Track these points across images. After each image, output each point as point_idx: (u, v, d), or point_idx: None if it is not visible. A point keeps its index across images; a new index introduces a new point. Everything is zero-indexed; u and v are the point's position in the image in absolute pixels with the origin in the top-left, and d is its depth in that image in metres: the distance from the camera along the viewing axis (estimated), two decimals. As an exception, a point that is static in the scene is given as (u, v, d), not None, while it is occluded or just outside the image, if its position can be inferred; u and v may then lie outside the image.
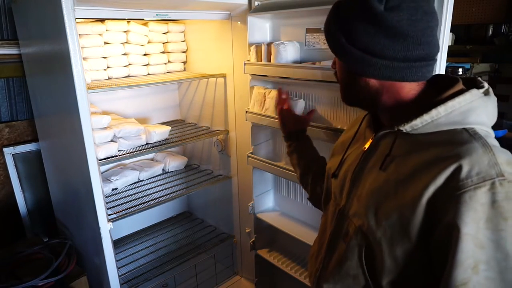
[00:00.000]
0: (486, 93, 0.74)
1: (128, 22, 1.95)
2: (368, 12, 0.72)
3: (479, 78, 0.78)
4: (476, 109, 0.72)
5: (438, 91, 0.76)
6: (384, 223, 0.74)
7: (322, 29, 1.37)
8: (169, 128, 1.97)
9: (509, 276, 0.63)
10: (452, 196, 0.64)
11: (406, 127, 0.74)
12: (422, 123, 0.73)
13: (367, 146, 0.84)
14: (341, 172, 0.92)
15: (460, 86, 0.76)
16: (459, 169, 0.65)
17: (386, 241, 0.73)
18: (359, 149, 0.89)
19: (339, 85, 0.87)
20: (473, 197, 0.63)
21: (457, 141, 0.69)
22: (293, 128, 1.34)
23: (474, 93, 0.72)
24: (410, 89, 0.77)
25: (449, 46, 1.42)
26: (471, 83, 0.77)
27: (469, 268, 0.63)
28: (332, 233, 0.89)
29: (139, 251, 2.15)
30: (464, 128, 0.71)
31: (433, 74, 0.79)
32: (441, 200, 0.66)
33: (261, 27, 1.74)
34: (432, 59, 0.76)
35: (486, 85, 0.76)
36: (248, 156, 1.83)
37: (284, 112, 1.41)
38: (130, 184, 2.06)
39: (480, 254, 0.63)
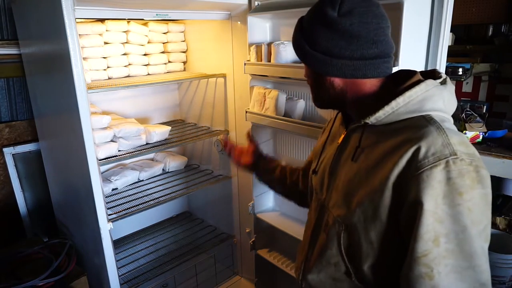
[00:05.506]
0: (443, 83, 0.81)
1: (128, 22, 1.95)
2: (324, 20, 0.81)
3: (438, 70, 0.86)
4: (432, 97, 0.78)
5: (397, 84, 0.83)
6: (357, 209, 0.80)
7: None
8: (169, 128, 1.97)
9: (467, 247, 0.68)
10: (413, 176, 0.70)
11: (371, 119, 0.80)
12: (384, 114, 0.79)
13: (340, 141, 0.91)
14: (320, 169, 0.98)
15: (417, 77, 0.82)
16: (417, 151, 0.71)
17: (361, 226, 0.79)
18: (334, 145, 0.95)
19: (310, 90, 0.93)
20: (430, 175, 0.68)
21: (415, 127, 0.75)
22: (249, 163, 1.36)
23: (429, 83, 0.78)
24: (371, 85, 0.84)
25: (449, 46, 1.41)
26: (430, 75, 0.83)
27: (430, 241, 0.69)
28: (314, 226, 0.95)
29: (139, 251, 2.15)
30: (422, 115, 0.77)
31: (396, 69, 0.87)
32: (405, 181, 0.72)
33: (261, 27, 1.74)
34: (388, 56, 0.83)
35: (444, 75, 0.83)
36: (248, 156, 1.83)
37: (236, 155, 1.41)
38: (130, 184, 2.06)
39: (440, 228, 0.68)
